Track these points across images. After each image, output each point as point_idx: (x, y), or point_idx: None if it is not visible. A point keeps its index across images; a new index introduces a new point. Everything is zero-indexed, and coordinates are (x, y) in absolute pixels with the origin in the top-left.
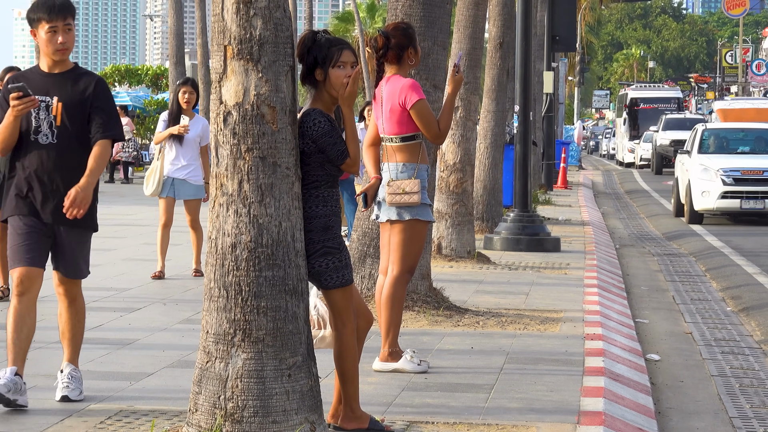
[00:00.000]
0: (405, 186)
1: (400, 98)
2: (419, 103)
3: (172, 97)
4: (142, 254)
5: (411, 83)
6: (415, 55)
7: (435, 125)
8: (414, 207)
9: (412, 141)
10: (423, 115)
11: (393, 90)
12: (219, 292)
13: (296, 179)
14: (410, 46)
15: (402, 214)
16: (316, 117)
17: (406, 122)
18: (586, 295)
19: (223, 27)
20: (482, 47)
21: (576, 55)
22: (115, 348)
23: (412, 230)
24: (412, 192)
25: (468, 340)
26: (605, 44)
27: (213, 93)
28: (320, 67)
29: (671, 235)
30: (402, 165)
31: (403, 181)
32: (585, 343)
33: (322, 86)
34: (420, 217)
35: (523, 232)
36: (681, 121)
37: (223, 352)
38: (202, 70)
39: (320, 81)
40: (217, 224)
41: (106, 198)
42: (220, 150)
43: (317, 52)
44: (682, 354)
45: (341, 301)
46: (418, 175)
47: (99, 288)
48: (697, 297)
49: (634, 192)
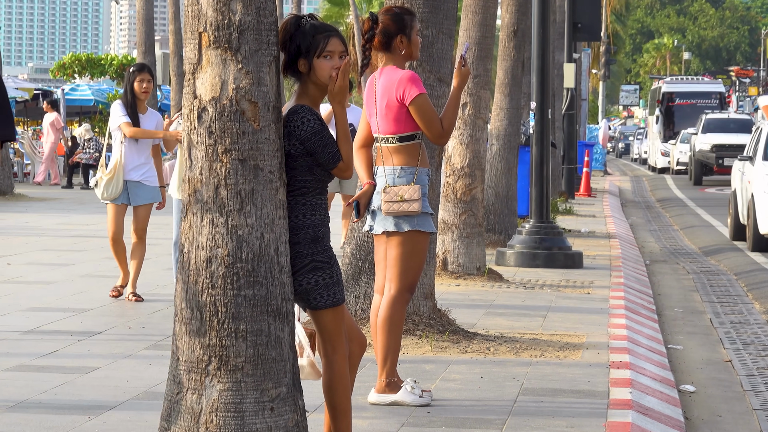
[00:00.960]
0: (403, 192)
1: (397, 92)
2: (420, 98)
3: (126, 86)
4: (103, 270)
5: (410, 75)
6: (408, 45)
7: (437, 123)
8: (414, 216)
9: (411, 141)
10: (424, 111)
11: (389, 83)
12: (191, 314)
13: (281, 185)
14: (400, 34)
15: (400, 224)
16: (304, 114)
17: (405, 120)
18: (612, 318)
19: (197, 11)
20: (494, 36)
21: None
22: (72, 377)
23: (412, 243)
24: (411, 199)
25: (477, 368)
26: (634, 33)
27: (186, 86)
28: (304, 57)
29: (709, 249)
30: (400, 168)
31: (401, 186)
32: (610, 372)
33: (307, 79)
34: (421, 227)
35: (541, 245)
36: (724, 122)
37: (196, 382)
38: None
39: (304, 73)
40: (190, 236)
41: (63, 206)
42: (193, 151)
43: (300, 39)
44: (720, 385)
45: (332, 324)
46: (418, 180)
47: (54, 309)
48: (738, 320)
49: (666, 200)
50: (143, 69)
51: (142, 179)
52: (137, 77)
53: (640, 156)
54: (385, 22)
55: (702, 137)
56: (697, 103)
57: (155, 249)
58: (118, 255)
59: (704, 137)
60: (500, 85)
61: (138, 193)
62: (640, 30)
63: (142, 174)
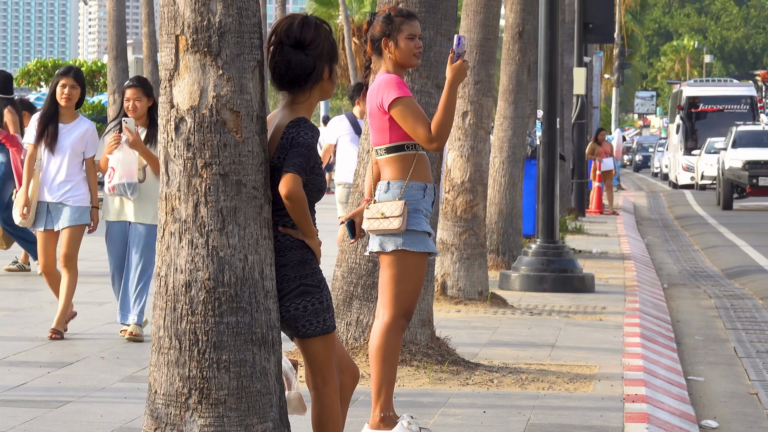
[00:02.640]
0: (385, 209)
1: (377, 99)
2: (399, 102)
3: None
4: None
5: (388, 79)
6: (396, 49)
7: (424, 127)
8: (399, 235)
9: (401, 152)
10: (405, 115)
11: (372, 91)
12: (170, 343)
13: (265, 201)
14: (385, 38)
15: (384, 243)
16: (304, 128)
17: (389, 128)
18: (627, 347)
19: (174, 12)
20: (497, 37)
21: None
22: (41, 412)
23: (402, 264)
24: (392, 216)
25: (479, 402)
26: (650, 34)
27: (162, 94)
28: (328, 63)
29: (732, 271)
30: (386, 183)
31: (384, 202)
32: (625, 406)
33: (315, 87)
34: (408, 247)
35: (548, 267)
36: (758, 135)
37: (176, 417)
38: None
39: (323, 80)
40: (167, 258)
41: None
42: (171, 165)
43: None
44: (745, 420)
45: (322, 353)
46: (406, 195)
47: (21, 338)
48: (765, 349)
49: (685, 218)
50: (68, 72)
51: (63, 199)
52: (60, 81)
53: (660, 170)
54: (374, 25)
55: (732, 153)
56: (724, 110)
57: None
58: (53, 288)
59: (735, 153)
60: (504, 92)
61: (59, 216)
62: (657, 31)
63: (64, 193)
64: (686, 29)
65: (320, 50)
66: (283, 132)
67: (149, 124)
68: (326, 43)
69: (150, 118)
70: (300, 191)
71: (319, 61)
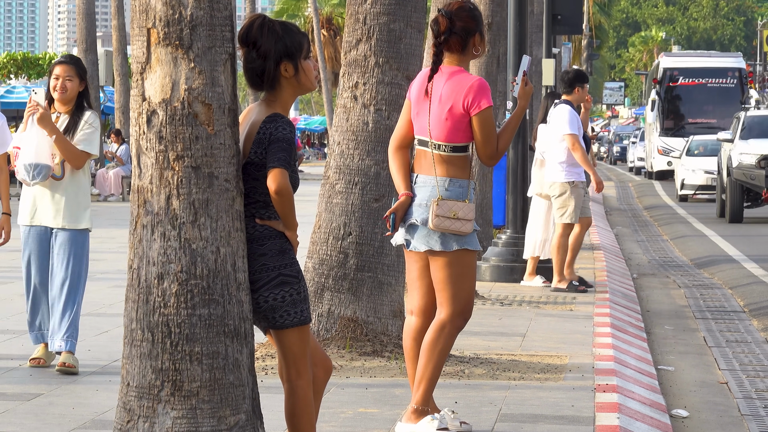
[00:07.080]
0: (458, 210)
1: (465, 100)
2: (487, 111)
3: None
4: None
5: (480, 84)
6: (481, 42)
7: (495, 141)
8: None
9: (464, 153)
10: (486, 125)
11: (457, 88)
12: (142, 335)
13: (237, 194)
14: (477, 32)
15: (448, 242)
16: (281, 124)
17: (464, 129)
18: (597, 337)
19: (145, 5)
20: None
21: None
22: (13, 404)
23: (461, 263)
24: (465, 219)
25: (450, 393)
26: (618, 25)
27: (134, 87)
28: (289, 59)
29: (702, 261)
30: (449, 180)
31: (455, 202)
32: (595, 395)
33: (285, 84)
34: (469, 246)
35: (519, 258)
36: None
37: (148, 409)
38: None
39: (287, 77)
40: (139, 250)
41: None
42: (143, 158)
43: (288, 40)
44: (715, 409)
45: (297, 345)
46: (472, 196)
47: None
48: (735, 338)
49: (654, 208)
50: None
51: None
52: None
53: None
54: (463, 19)
55: (741, 145)
56: (708, 83)
57: (99, 265)
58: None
59: (745, 145)
60: None
61: None
62: (625, 21)
63: None
64: (654, 20)
65: (265, 50)
66: (259, 127)
67: (74, 110)
68: (275, 42)
69: (77, 105)
70: (288, 185)
71: (268, 61)
